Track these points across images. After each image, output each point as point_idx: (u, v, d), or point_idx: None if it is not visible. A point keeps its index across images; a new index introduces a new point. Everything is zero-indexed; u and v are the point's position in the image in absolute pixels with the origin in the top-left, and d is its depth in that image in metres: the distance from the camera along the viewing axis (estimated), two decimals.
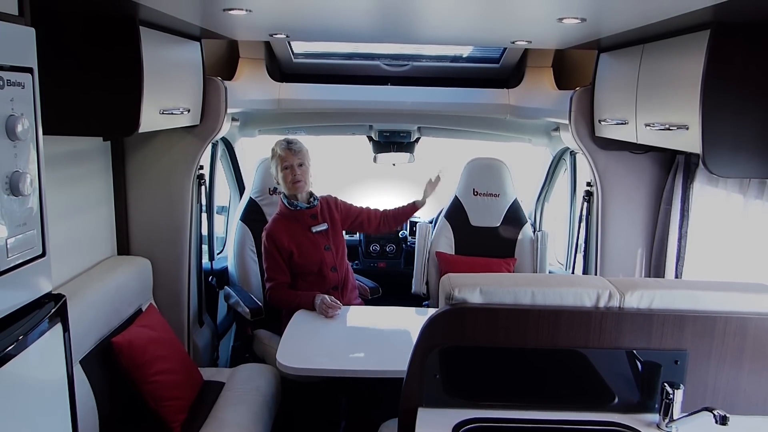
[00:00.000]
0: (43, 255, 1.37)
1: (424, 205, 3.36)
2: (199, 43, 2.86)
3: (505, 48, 3.42)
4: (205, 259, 3.51)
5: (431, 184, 3.34)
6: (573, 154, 3.81)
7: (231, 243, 3.63)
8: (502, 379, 1.85)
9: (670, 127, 2.08)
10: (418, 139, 4.18)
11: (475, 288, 1.78)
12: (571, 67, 3.46)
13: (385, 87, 3.59)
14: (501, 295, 1.79)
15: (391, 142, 4.13)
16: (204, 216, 3.43)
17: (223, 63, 3.47)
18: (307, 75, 3.68)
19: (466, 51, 3.59)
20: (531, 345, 1.80)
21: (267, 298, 3.15)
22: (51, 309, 1.39)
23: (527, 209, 4.02)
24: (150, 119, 2.28)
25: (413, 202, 3.36)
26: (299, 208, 3.12)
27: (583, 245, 3.35)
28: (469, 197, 3.76)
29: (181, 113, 2.60)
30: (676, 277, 2.78)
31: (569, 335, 1.78)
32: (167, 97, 2.48)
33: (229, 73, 3.45)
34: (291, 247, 3.09)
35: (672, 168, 2.82)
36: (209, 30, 2.59)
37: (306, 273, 3.12)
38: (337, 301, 2.94)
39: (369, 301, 3.45)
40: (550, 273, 3.81)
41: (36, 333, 1.32)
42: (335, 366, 2.53)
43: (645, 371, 1.80)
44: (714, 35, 1.84)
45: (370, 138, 4.19)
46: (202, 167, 3.15)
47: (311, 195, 3.19)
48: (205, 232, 3.53)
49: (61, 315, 1.43)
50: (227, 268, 3.66)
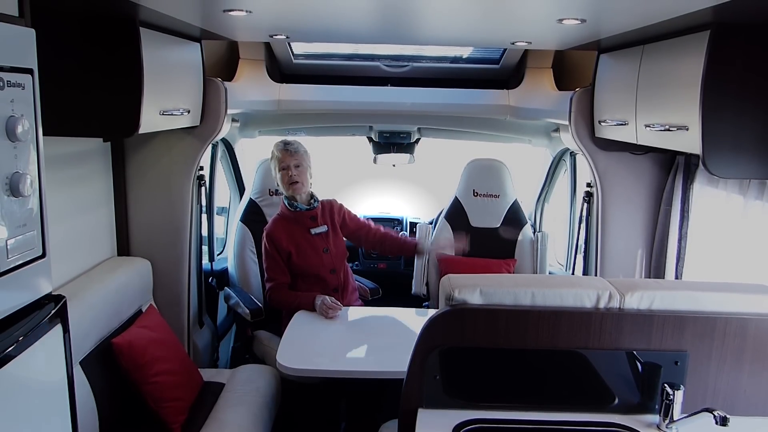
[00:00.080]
0: (43, 256, 1.37)
1: (420, 254, 3.39)
2: (199, 44, 2.86)
3: (505, 49, 3.42)
4: (205, 260, 3.51)
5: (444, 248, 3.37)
6: (573, 154, 3.81)
7: (231, 244, 3.63)
8: (502, 380, 1.85)
9: (670, 128, 2.08)
10: (418, 140, 4.18)
11: (475, 289, 1.78)
12: (571, 68, 3.46)
13: (385, 88, 3.59)
14: (501, 296, 1.79)
15: (391, 143, 4.13)
16: (204, 217, 3.43)
17: (223, 64, 3.47)
18: (307, 76, 3.68)
19: (466, 52, 3.59)
20: (531, 346, 1.80)
21: (267, 298, 3.14)
22: (51, 310, 1.39)
23: (527, 210, 4.02)
24: (150, 120, 2.28)
25: (415, 243, 3.36)
26: (299, 209, 3.13)
27: (583, 246, 3.35)
28: (469, 198, 3.76)
29: (181, 114, 2.60)
30: (676, 278, 2.78)
31: (569, 336, 1.78)
32: (167, 98, 2.48)
33: (229, 74, 3.45)
34: (290, 248, 3.09)
35: (672, 169, 2.82)
36: (209, 31, 2.59)
37: (305, 274, 3.12)
38: (338, 302, 2.94)
39: (369, 302, 3.45)
40: (550, 274, 3.81)
41: (36, 334, 1.32)
42: (335, 367, 2.53)
43: (645, 372, 1.80)
44: (714, 36, 1.84)
45: (370, 139, 4.19)
46: (202, 168, 3.15)
47: (312, 197, 3.18)
48: (205, 233, 3.53)
49: (61, 316, 1.43)
50: (227, 269, 3.66)
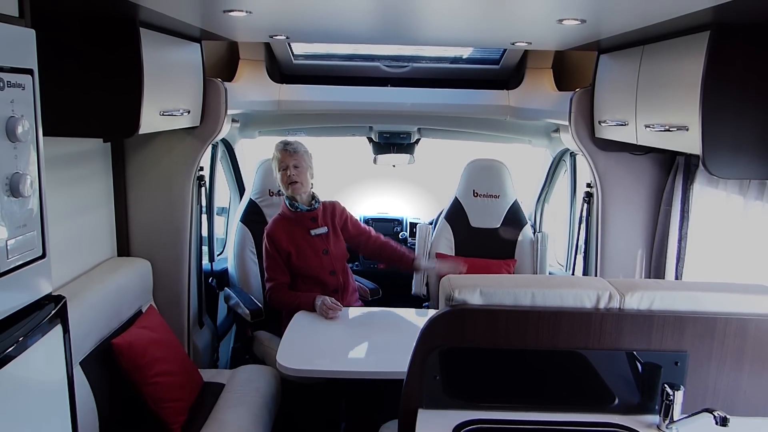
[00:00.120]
0: (43, 256, 1.37)
1: (415, 270, 3.32)
2: (199, 45, 2.86)
3: (505, 49, 3.43)
4: (205, 261, 3.51)
5: (440, 269, 3.20)
6: (573, 155, 3.81)
7: (231, 244, 3.63)
8: (502, 381, 1.85)
9: (670, 129, 2.08)
10: (418, 141, 4.18)
11: (475, 289, 1.78)
12: (571, 69, 3.46)
13: (385, 88, 3.59)
14: (501, 297, 1.79)
15: (391, 143, 4.13)
16: (204, 217, 3.43)
17: (223, 64, 3.47)
18: (307, 76, 3.68)
19: (466, 52, 3.59)
20: (531, 346, 1.80)
21: (267, 298, 3.14)
22: (51, 310, 1.39)
23: (527, 210, 4.02)
24: (150, 120, 2.28)
25: (412, 258, 3.23)
26: (299, 210, 3.13)
27: (583, 246, 3.35)
28: (469, 198, 3.76)
29: (181, 114, 2.60)
30: (676, 279, 2.78)
31: (569, 336, 1.78)
32: (167, 99, 2.48)
33: (229, 75, 3.45)
34: (289, 249, 3.09)
35: (672, 169, 2.82)
36: (209, 31, 2.59)
37: (304, 275, 3.12)
38: (338, 303, 2.94)
39: (369, 303, 3.45)
40: (550, 274, 3.81)
41: (36, 334, 1.32)
42: (335, 367, 2.53)
43: (645, 372, 1.80)
44: (714, 36, 1.84)
45: (370, 139, 4.19)
46: (202, 168, 3.15)
47: (313, 198, 3.18)
48: (205, 233, 3.53)
49: (61, 316, 1.43)
50: (227, 269, 3.66)
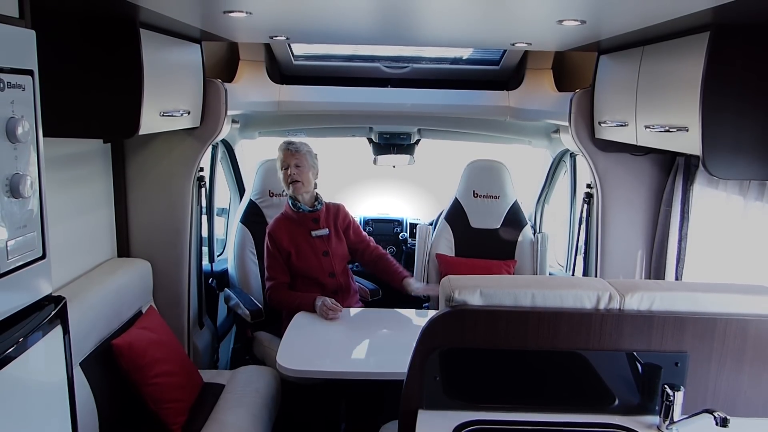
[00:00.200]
0: (43, 257, 1.37)
1: (406, 289, 3.16)
2: (200, 45, 2.86)
3: (505, 50, 3.43)
4: (205, 261, 3.51)
5: (427, 290, 3.19)
6: (573, 155, 3.81)
7: (231, 245, 3.63)
8: (502, 381, 1.85)
9: (670, 129, 2.08)
10: (418, 141, 4.18)
11: (475, 290, 1.78)
12: (571, 69, 3.46)
13: (385, 89, 3.59)
14: (501, 297, 1.79)
15: (391, 144, 4.13)
16: (204, 218, 3.43)
17: (223, 65, 3.47)
18: (307, 77, 3.68)
19: (466, 53, 3.60)
20: (531, 347, 1.79)
21: (267, 297, 3.14)
22: (51, 311, 1.39)
23: (527, 211, 4.02)
24: (150, 121, 2.28)
25: (403, 277, 3.17)
26: (302, 210, 3.13)
27: (583, 247, 3.35)
28: (469, 199, 3.76)
29: (182, 115, 2.60)
30: (676, 279, 2.78)
31: (569, 337, 1.78)
32: (167, 99, 2.48)
33: (230, 75, 3.45)
34: (290, 249, 3.09)
35: (672, 170, 2.82)
36: (209, 32, 2.59)
37: (304, 276, 3.12)
38: (338, 304, 2.94)
39: (369, 303, 3.44)
40: (550, 275, 3.81)
41: (36, 335, 1.32)
42: (335, 368, 2.53)
43: (645, 373, 1.80)
44: (714, 37, 1.84)
45: (370, 140, 4.19)
46: (202, 169, 3.15)
47: (316, 199, 3.18)
48: (205, 234, 3.53)
49: (61, 317, 1.43)
50: (227, 270, 3.66)
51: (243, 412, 2.54)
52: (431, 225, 3.95)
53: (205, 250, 3.54)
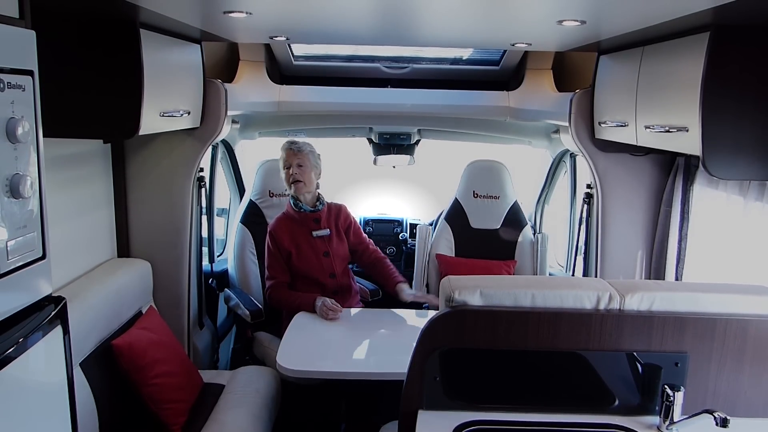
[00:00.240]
0: (44, 257, 1.37)
1: (399, 295, 3.11)
2: (200, 46, 2.86)
3: (505, 50, 3.43)
4: (205, 262, 3.51)
5: (418, 297, 3.14)
6: (573, 156, 3.81)
7: (231, 245, 3.63)
8: (502, 382, 1.85)
9: (669, 129, 2.08)
10: (418, 142, 4.18)
11: (475, 290, 1.78)
12: (571, 70, 3.46)
13: (385, 89, 3.59)
14: (501, 298, 1.79)
15: (391, 144, 4.14)
16: (204, 218, 3.43)
17: (224, 65, 3.47)
18: (307, 77, 3.69)
19: (466, 53, 3.60)
20: (531, 347, 1.79)
21: (267, 296, 3.14)
22: (51, 311, 1.39)
23: (527, 211, 4.02)
24: (150, 122, 2.28)
25: (397, 282, 3.14)
26: (303, 210, 3.13)
27: (583, 247, 3.35)
28: (469, 199, 3.76)
29: (182, 116, 2.60)
30: (676, 279, 2.78)
31: (569, 337, 1.78)
32: (167, 100, 2.48)
33: (230, 76, 3.45)
34: (290, 248, 3.09)
35: (672, 170, 2.82)
36: (209, 32, 2.59)
37: (304, 276, 3.12)
38: (338, 304, 2.94)
39: (369, 304, 3.44)
40: (550, 275, 3.81)
41: (36, 336, 1.31)
42: (335, 368, 2.53)
43: (645, 373, 1.80)
44: (713, 37, 1.84)
45: (370, 140, 4.19)
46: (202, 169, 3.15)
47: (318, 199, 3.18)
48: (205, 234, 3.53)
49: (61, 317, 1.43)
50: (227, 270, 3.66)
51: (243, 412, 2.54)
52: (431, 225, 3.95)
53: (205, 250, 3.54)
